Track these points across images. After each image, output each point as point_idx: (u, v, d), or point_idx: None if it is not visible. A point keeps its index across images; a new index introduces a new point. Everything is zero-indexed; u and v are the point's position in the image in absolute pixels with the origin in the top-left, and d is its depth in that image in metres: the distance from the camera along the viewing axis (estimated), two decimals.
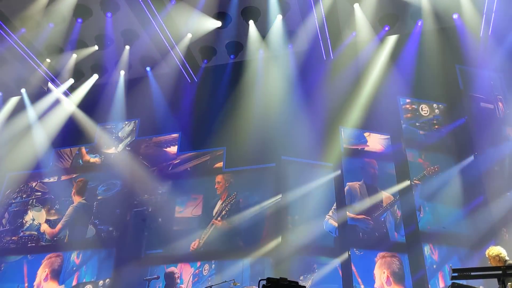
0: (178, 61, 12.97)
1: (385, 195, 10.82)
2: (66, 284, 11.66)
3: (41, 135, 13.64)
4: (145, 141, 13.23)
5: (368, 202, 10.72)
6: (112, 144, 13.48)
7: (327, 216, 10.78)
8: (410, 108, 11.66)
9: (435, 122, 11.48)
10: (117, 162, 13.09)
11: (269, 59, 12.89)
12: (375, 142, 11.55)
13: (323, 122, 11.60)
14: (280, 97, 12.19)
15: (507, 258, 6.48)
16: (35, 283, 11.82)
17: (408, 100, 11.72)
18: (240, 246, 11.07)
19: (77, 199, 12.80)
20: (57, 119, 13.71)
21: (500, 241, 9.09)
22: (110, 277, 11.47)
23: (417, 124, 11.51)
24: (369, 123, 11.49)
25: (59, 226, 12.49)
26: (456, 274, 5.60)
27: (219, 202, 11.72)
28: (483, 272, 5.66)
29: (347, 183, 10.99)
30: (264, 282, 3.28)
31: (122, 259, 11.62)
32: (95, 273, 11.64)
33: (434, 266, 9.81)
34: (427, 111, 11.62)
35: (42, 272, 11.94)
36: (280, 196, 11.17)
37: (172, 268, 11.27)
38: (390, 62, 12.02)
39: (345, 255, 10.15)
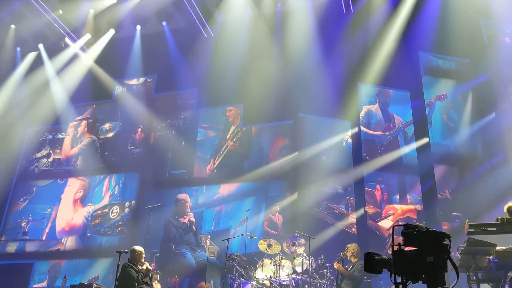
0: (194, 15, 12.76)
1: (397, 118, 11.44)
2: (94, 205, 12.44)
3: (60, 90, 13.75)
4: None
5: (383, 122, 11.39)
6: (134, 75, 13.82)
7: (346, 136, 11.31)
8: None
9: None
10: (139, 93, 13.56)
11: (288, 12, 12.58)
12: None
13: (342, 78, 11.44)
14: (298, 52, 11.99)
15: None
16: (63, 205, 12.65)
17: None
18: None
19: (87, 136, 13.45)
20: (75, 75, 13.78)
21: None
22: (135, 199, 12.13)
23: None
24: (388, 79, 11.27)
25: (74, 150, 13.36)
26: (472, 229, 5.60)
27: (232, 127, 12.27)
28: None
29: (364, 106, 11.48)
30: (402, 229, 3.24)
31: (146, 182, 12.27)
32: (121, 195, 12.39)
33: None
34: None
35: (70, 195, 12.76)
36: (297, 153, 11.23)
37: (184, 195, 11.67)
38: (412, 16, 11.60)
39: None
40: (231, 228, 11.05)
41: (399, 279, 3.05)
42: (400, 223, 3.46)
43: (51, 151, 13.57)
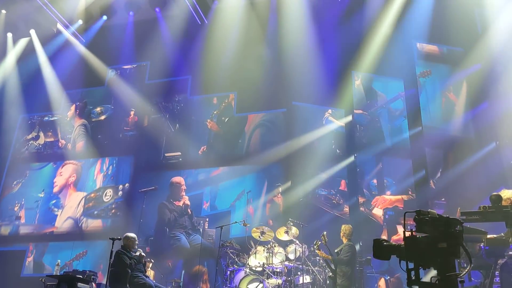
0: (187, 1, 12.63)
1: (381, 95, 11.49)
2: (86, 189, 12.47)
3: (52, 76, 13.61)
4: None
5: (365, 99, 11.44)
6: (127, 62, 13.73)
7: (326, 114, 11.32)
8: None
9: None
10: (132, 77, 13.48)
11: None
12: None
13: (335, 66, 11.43)
14: (292, 40, 11.92)
15: None
16: (57, 188, 12.65)
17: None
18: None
19: (78, 121, 13.34)
20: (67, 61, 13.63)
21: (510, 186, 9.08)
22: (128, 182, 12.16)
23: None
24: (382, 68, 11.27)
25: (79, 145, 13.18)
26: (464, 217, 5.63)
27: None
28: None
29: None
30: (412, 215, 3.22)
31: (140, 164, 12.26)
32: (114, 178, 12.38)
33: None
34: None
35: (63, 178, 12.75)
36: (290, 142, 11.25)
37: (178, 178, 11.62)
38: (407, 5, 11.56)
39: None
40: (231, 209, 11.06)
41: (410, 266, 3.04)
42: (402, 213, 3.47)
43: (39, 134, 13.47)
